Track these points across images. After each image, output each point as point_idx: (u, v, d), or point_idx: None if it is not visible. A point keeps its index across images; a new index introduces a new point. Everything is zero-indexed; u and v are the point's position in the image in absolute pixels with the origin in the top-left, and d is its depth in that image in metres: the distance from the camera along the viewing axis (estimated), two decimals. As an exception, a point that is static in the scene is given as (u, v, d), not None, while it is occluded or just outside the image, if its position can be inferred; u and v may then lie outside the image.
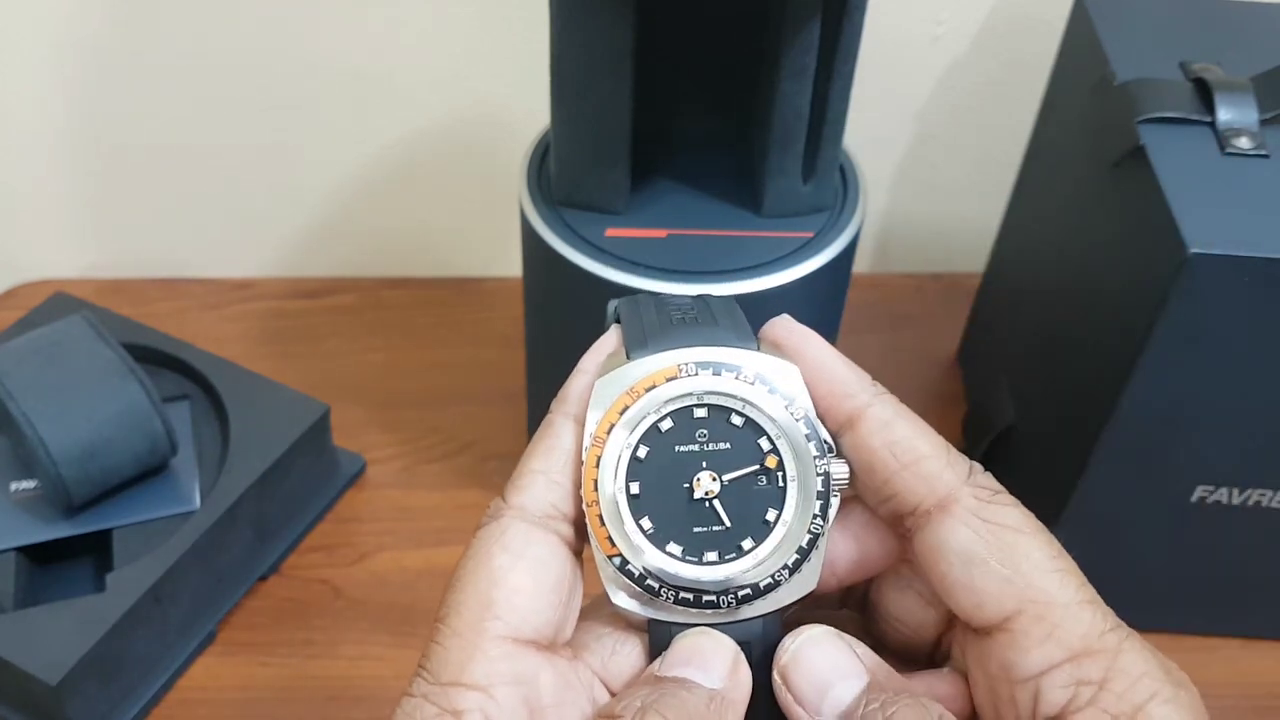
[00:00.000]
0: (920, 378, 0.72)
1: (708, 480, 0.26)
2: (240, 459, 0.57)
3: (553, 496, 0.26)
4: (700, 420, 0.27)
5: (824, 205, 0.53)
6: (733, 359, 0.27)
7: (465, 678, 0.24)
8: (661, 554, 0.26)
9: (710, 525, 0.26)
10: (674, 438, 0.26)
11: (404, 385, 0.70)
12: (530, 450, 0.27)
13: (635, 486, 0.26)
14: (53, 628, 0.49)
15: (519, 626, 0.25)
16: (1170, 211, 0.44)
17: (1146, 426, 0.48)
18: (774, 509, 0.26)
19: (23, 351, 0.55)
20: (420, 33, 0.68)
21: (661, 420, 0.26)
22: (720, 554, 0.26)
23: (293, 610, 0.58)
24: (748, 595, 0.26)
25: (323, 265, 0.78)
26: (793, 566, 0.26)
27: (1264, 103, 0.48)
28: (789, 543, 0.26)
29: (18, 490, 0.56)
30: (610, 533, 0.26)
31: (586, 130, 0.50)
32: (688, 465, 0.26)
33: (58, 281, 0.75)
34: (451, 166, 0.74)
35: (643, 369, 0.26)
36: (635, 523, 0.26)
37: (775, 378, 0.27)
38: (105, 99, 0.70)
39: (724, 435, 0.27)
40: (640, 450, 0.26)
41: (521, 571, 0.25)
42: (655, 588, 0.26)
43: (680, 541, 0.26)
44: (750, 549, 0.26)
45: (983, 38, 0.70)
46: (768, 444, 0.27)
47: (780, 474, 0.26)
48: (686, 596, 0.26)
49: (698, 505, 0.26)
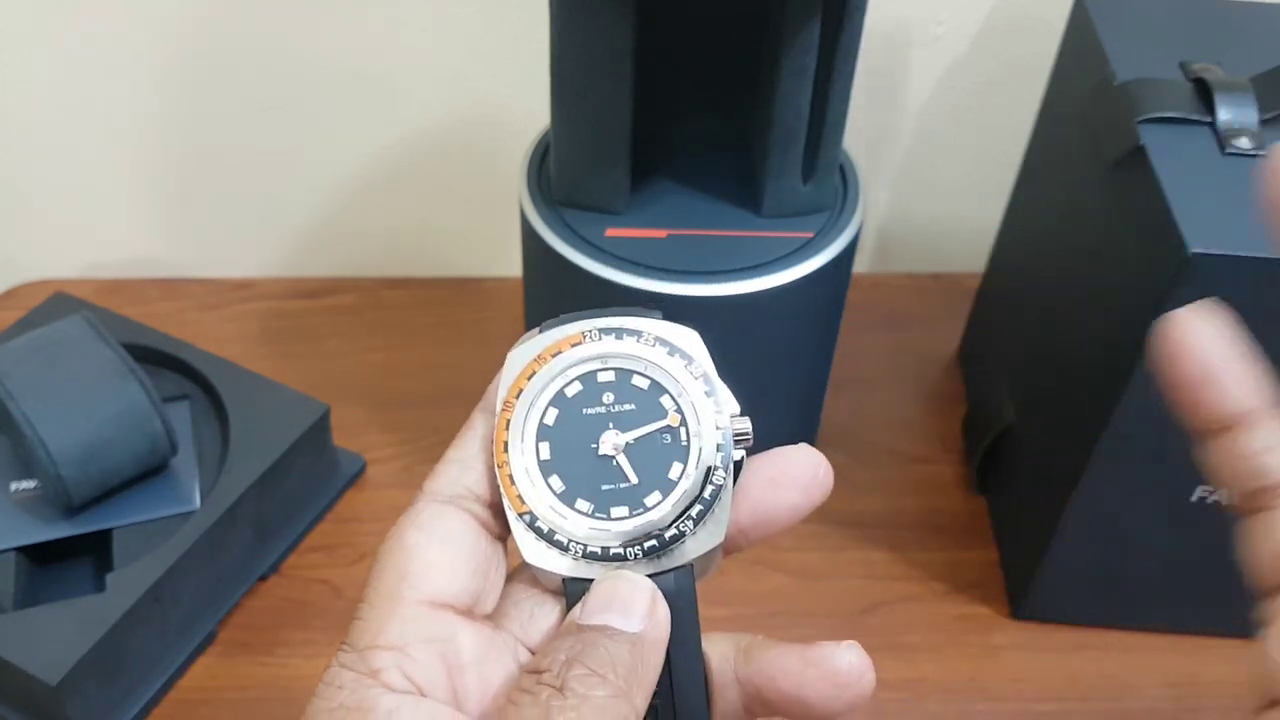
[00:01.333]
0: (920, 378, 0.72)
1: (613, 438, 0.27)
2: (240, 459, 0.57)
3: (466, 479, 0.27)
4: (606, 385, 0.28)
5: (824, 205, 0.53)
6: (635, 325, 0.28)
7: (381, 639, 0.25)
8: (571, 510, 0.27)
9: (617, 483, 0.27)
10: (581, 401, 0.28)
11: (404, 385, 0.70)
12: (450, 445, 0.28)
13: (545, 449, 0.27)
14: (53, 628, 0.49)
15: (434, 593, 0.26)
16: (1170, 211, 0.44)
17: (1146, 426, 0.48)
18: (679, 464, 0.27)
19: (23, 351, 0.55)
20: (420, 33, 0.68)
21: (569, 385, 0.28)
22: (629, 509, 0.27)
23: (293, 610, 0.58)
24: (654, 547, 0.27)
25: (323, 265, 0.78)
26: (697, 518, 0.27)
27: (1264, 103, 0.48)
28: (692, 496, 0.27)
29: (18, 490, 0.56)
30: (520, 491, 0.27)
31: (586, 130, 0.50)
32: (595, 426, 0.27)
33: (58, 281, 0.75)
34: (451, 166, 0.74)
35: (549, 338, 0.28)
36: (545, 481, 0.27)
37: (676, 340, 0.28)
38: (105, 99, 0.70)
39: (629, 397, 0.28)
40: (549, 414, 0.27)
41: (434, 545, 0.26)
42: (564, 543, 0.27)
43: (589, 499, 0.27)
44: (655, 504, 0.27)
45: (983, 38, 0.70)
46: (670, 403, 0.27)
47: (684, 430, 0.27)
48: (594, 550, 0.27)
49: (605, 463, 0.27)
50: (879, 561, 0.60)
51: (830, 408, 0.63)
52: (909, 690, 0.55)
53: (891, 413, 0.69)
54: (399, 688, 0.25)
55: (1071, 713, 0.55)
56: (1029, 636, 0.57)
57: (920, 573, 0.60)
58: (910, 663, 0.56)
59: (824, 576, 0.59)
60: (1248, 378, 0.26)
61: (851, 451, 0.66)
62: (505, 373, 0.28)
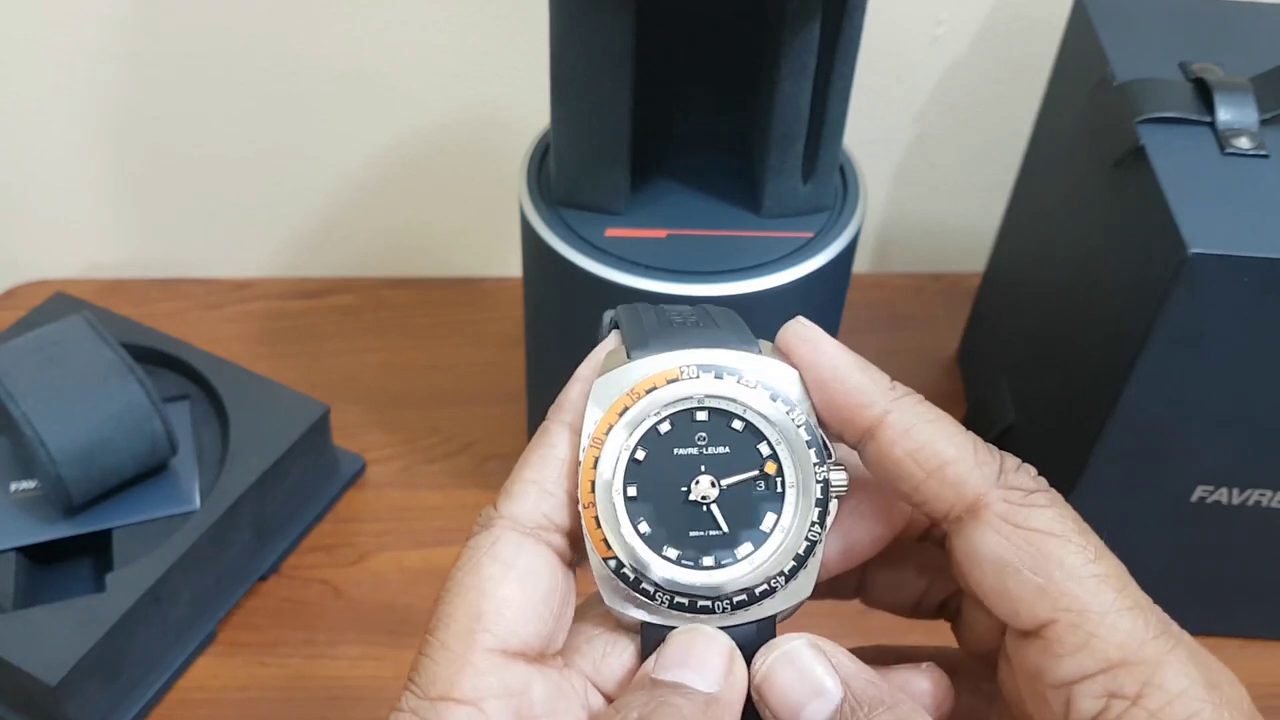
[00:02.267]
0: (920, 378, 0.72)
1: (706, 484, 0.26)
2: (240, 459, 0.57)
3: (545, 507, 0.26)
4: (700, 423, 0.26)
5: (824, 205, 0.53)
6: (734, 362, 0.26)
7: (455, 692, 0.24)
8: (658, 558, 0.26)
9: (707, 529, 0.26)
10: (673, 440, 0.26)
11: (404, 385, 0.70)
12: (525, 458, 0.26)
13: (633, 489, 0.26)
14: (53, 628, 0.49)
15: (508, 638, 0.25)
16: (1170, 211, 0.44)
17: (1146, 426, 0.48)
18: (772, 515, 0.26)
19: (23, 352, 0.55)
20: (420, 33, 0.68)
21: (661, 423, 0.26)
22: (717, 559, 0.26)
23: (293, 610, 0.58)
24: (743, 601, 0.26)
25: (323, 265, 0.78)
26: (789, 574, 0.26)
27: (1264, 103, 0.48)
28: (786, 550, 0.26)
29: (18, 490, 0.56)
30: (606, 535, 0.26)
31: (586, 130, 0.50)
32: (686, 468, 0.26)
33: (58, 281, 0.75)
34: (451, 166, 0.74)
35: (643, 370, 0.26)
36: (632, 525, 0.26)
37: (777, 382, 0.26)
38: (105, 99, 0.70)
39: (724, 439, 0.26)
40: (639, 452, 0.26)
41: (512, 583, 0.25)
42: (650, 591, 0.26)
43: (677, 545, 0.26)
44: (747, 555, 0.26)
45: (982, 38, 0.70)
46: (767, 449, 0.26)
47: (779, 480, 0.26)
48: (681, 601, 0.26)
49: (695, 509, 0.26)
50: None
51: (830, 408, 0.62)
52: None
53: (891, 413, 0.69)
54: None
55: (1071, 713, 0.55)
56: (1029, 636, 0.57)
57: (920, 573, 0.60)
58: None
59: (824, 576, 0.59)
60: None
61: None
62: (592, 399, 0.26)
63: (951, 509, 0.25)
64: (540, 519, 0.26)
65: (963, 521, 0.25)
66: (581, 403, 0.26)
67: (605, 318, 0.29)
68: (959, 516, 0.25)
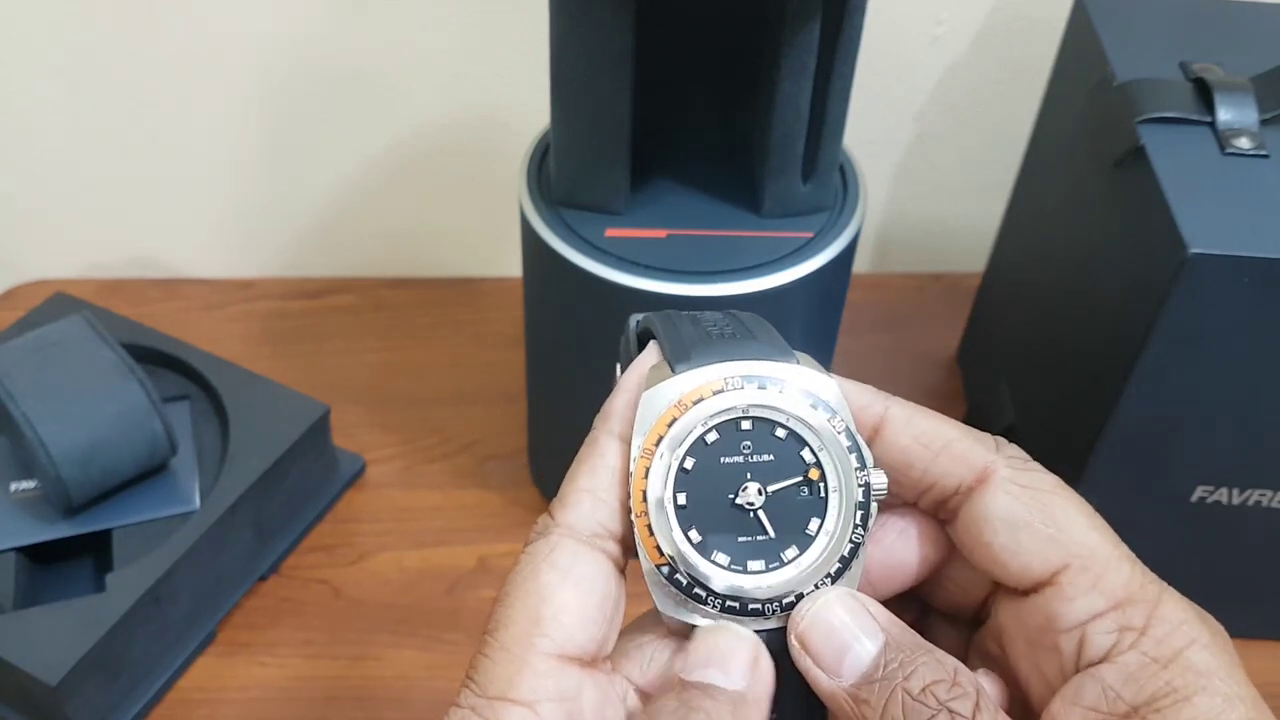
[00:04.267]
0: (920, 378, 0.72)
1: (753, 491, 0.27)
2: (240, 459, 0.57)
3: (600, 515, 0.27)
4: (745, 432, 0.27)
5: (824, 205, 0.53)
6: (776, 373, 0.27)
7: (512, 693, 0.25)
8: (709, 563, 0.27)
9: (755, 535, 0.27)
10: (719, 450, 0.27)
11: (404, 385, 0.70)
12: (576, 468, 0.27)
13: (683, 497, 0.27)
14: (53, 628, 0.49)
15: (564, 644, 0.26)
16: (1170, 211, 0.44)
17: (1146, 426, 0.48)
18: (816, 519, 0.27)
19: (23, 352, 0.55)
20: (420, 33, 0.68)
21: (708, 433, 0.27)
22: (765, 563, 0.27)
23: (292, 610, 0.58)
24: (791, 603, 0.27)
25: (322, 265, 0.78)
26: (834, 575, 0.27)
27: (1264, 103, 0.48)
28: (832, 552, 0.27)
29: (18, 490, 0.56)
30: (659, 542, 0.26)
31: (586, 130, 0.50)
32: (733, 476, 0.27)
33: (57, 281, 0.75)
34: (451, 166, 0.74)
35: (689, 383, 0.27)
36: (683, 533, 0.27)
37: (817, 391, 0.27)
38: (105, 99, 0.70)
39: (768, 447, 0.27)
40: (687, 462, 0.27)
41: (569, 589, 0.26)
42: (703, 596, 0.27)
43: (726, 551, 0.27)
44: (794, 558, 0.27)
45: (982, 38, 0.70)
46: (810, 456, 0.27)
47: (822, 485, 0.27)
48: (733, 605, 0.27)
49: (742, 515, 0.27)
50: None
51: (830, 408, 0.63)
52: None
53: (891, 413, 0.69)
54: None
55: (1071, 713, 0.55)
56: (1029, 636, 0.57)
57: (920, 573, 0.60)
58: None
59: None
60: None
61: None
62: (640, 414, 0.27)
63: (962, 481, 0.27)
64: (596, 527, 0.27)
65: (973, 490, 0.27)
66: (629, 413, 0.27)
67: (632, 323, 0.30)
68: (970, 487, 0.27)
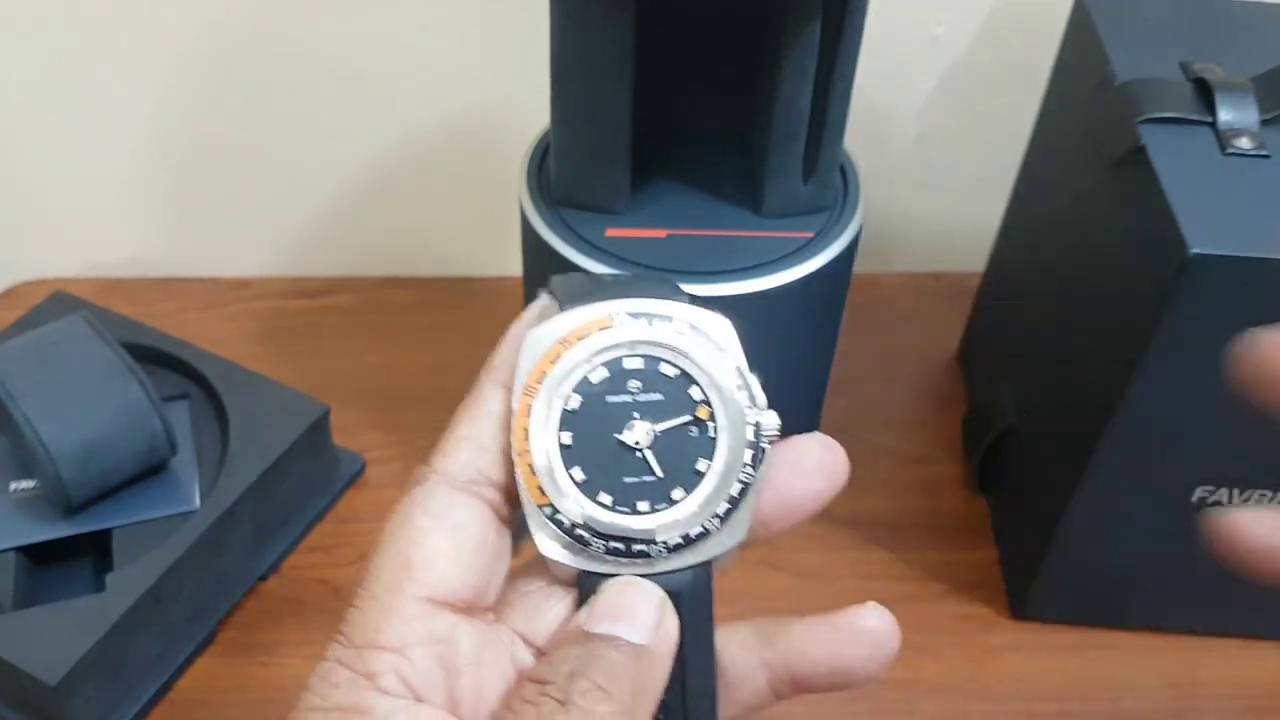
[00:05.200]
0: (920, 378, 0.72)
1: (640, 431, 0.26)
2: (240, 459, 0.57)
3: (479, 462, 0.26)
4: (633, 371, 0.27)
5: (824, 205, 0.53)
6: (665, 310, 0.27)
7: (380, 639, 0.25)
8: (593, 503, 0.26)
9: (641, 475, 0.26)
10: (606, 388, 0.26)
11: (404, 385, 0.70)
12: (457, 416, 0.27)
13: (567, 436, 0.26)
14: (52, 628, 0.49)
15: (436, 587, 0.25)
16: (1171, 211, 0.44)
17: (1147, 427, 0.48)
18: (705, 459, 0.26)
19: (22, 351, 0.55)
20: (420, 33, 0.68)
21: (593, 371, 0.26)
22: (651, 504, 0.26)
23: (292, 610, 0.58)
24: (679, 545, 0.26)
25: (322, 265, 0.78)
26: (723, 516, 0.26)
27: (1264, 103, 0.48)
28: (719, 493, 0.26)
29: (17, 490, 0.56)
30: (541, 482, 0.26)
31: (586, 130, 0.50)
32: (620, 415, 0.26)
33: (57, 281, 0.75)
34: (451, 166, 0.74)
35: (575, 320, 0.26)
36: (566, 472, 0.26)
37: (707, 328, 0.27)
38: (104, 99, 0.70)
39: (656, 385, 0.27)
40: (572, 401, 0.26)
41: (442, 535, 0.25)
42: (585, 538, 0.26)
43: (611, 491, 0.26)
44: (681, 499, 0.26)
45: (983, 38, 0.70)
46: (699, 394, 0.27)
47: (712, 424, 0.26)
48: (617, 546, 0.26)
49: (629, 455, 0.26)
50: (879, 561, 0.60)
51: (830, 407, 0.63)
52: (909, 690, 0.55)
53: (892, 413, 0.69)
54: (395, 692, 0.24)
55: (1071, 713, 0.55)
56: (1029, 637, 0.57)
57: (920, 573, 0.60)
58: (910, 663, 0.56)
59: (824, 577, 0.59)
60: None
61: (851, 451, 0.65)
62: (524, 351, 0.27)
63: None
64: (473, 473, 0.26)
65: None
66: (513, 359, 0.27)
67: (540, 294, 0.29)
68: None
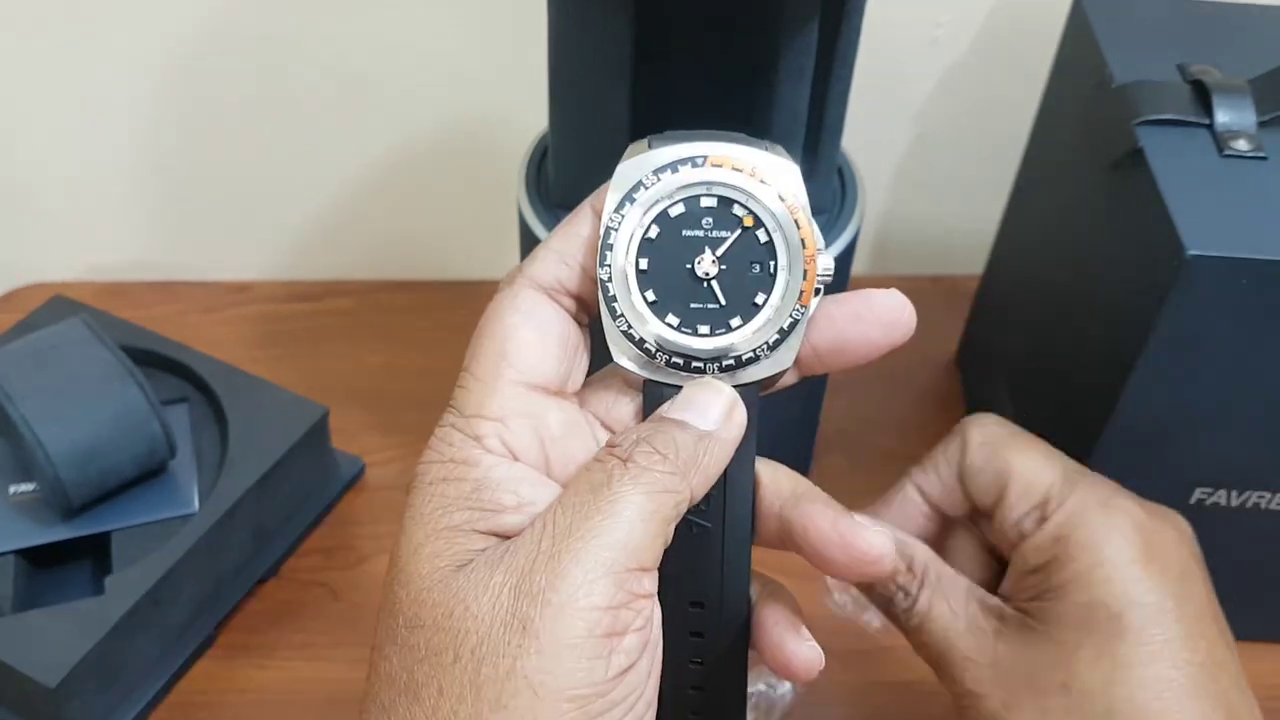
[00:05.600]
0: (919, 379, 0.72)
1: (708, 262, 0.30)
2: (239, 461, 0.57)
3: (561, 274, 0.30)
4: (707, 209, 0.30)
5: (823, 207, 0.53)
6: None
7: (485, 411, 0.30)
8: (660, 323, 0.30)
9: (706, 303, 0.30)
10: (682, 223, 0.30)
11: (403, 388, 0.70)
12: (552, 233, 0.31)
13: (644, 262, 0.30)
14: (51, 630, 0.49)
15: (528, 373, 0.30)
16: (1168, 213, 0.44)
17: (1145, 428, 0.48)
18: (763, 293, 0.30)
19: (21, 354, 0.55)
20: (420, 34, 0.68)
21: (673, 205, 0.30)
22: (711, 328, 0.30)
23: (292, 613, 0.58)
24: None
25: (321, 268, 0.78)
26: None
27: (1262, 105, 0.48)
28: (771, 325, 0.30)
29: (16, 493, 0.56)
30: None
31: (585, 132, 0.50)
32: (692, 248, 0.30)
33: (56, 284, 0.75)
34: (450, 169, 0.74)
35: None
36: (640, 294, 0.30)
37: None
38: (104, 102, 0.70)
39: (727, 224, 0.30)
40: (651, 231, 0.30)
41: (530, 329, 0.30)
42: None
43: (678, 314, 0.30)
44: (738, 326, 0.30)
45: (981, 39, 0.70)
46: (765, 236, 0.30)
47: (773, 263, 0.30)
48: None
49: (698, 284, 0.30)
50: (878, 563, 0.60)
51: (829, 409, 0.63)
52: (906, 692, 0.55)
53: (890, 415, 0.69)
54: (497, 451, 0.29)
55: (1071, 715, 0.55)
56: (1028, 638, 0.57)
57: (919, 575, 0.60)
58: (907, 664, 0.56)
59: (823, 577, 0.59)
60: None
61: (850, 453, 0.66)
62: (614, 183, 0.30)
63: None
64: (554, 282, 0.30)
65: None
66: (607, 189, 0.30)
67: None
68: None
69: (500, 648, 0.26)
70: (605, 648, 0.27)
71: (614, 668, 0.27)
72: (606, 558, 0.27)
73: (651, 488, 0.28)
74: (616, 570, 0.27)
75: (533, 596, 0.26)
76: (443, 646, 0.27)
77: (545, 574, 0.26)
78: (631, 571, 0.27)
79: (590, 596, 0.26)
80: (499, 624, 0.26)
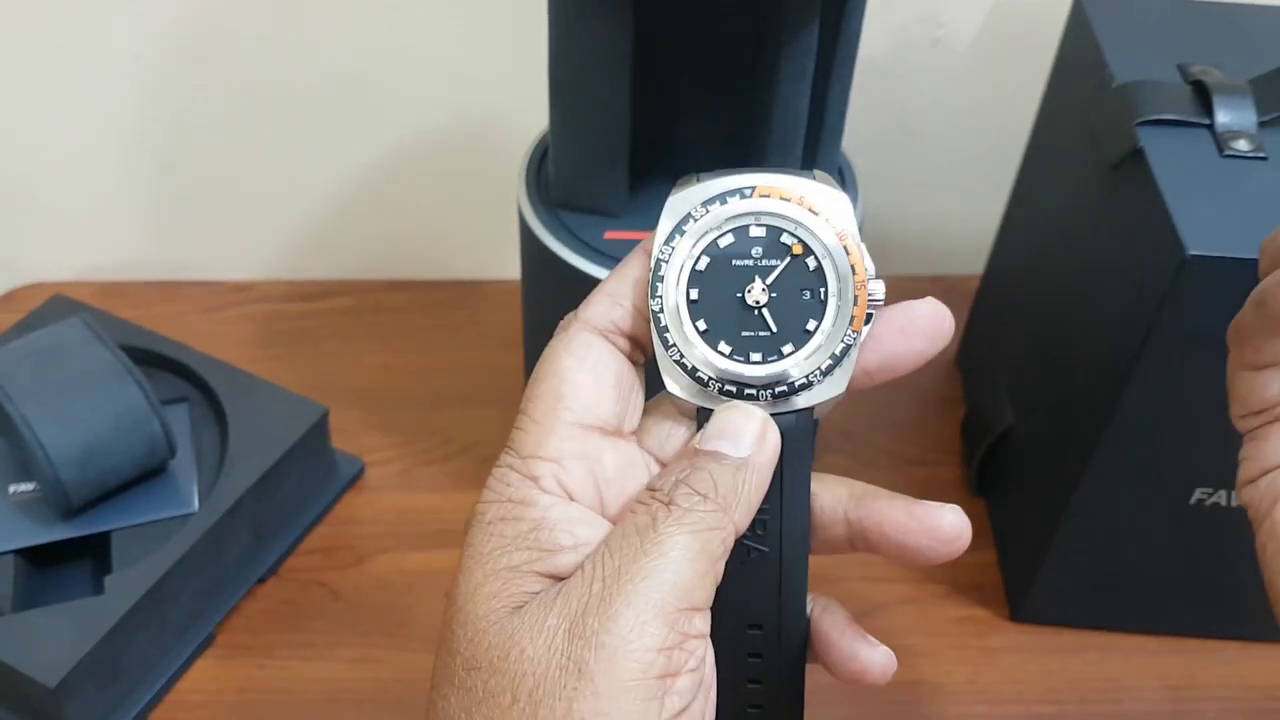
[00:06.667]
0: (919, 380, 0.71)
1: (759, 290, 0.30)
2: (239, 461, 0.57)
3: (615, 315, 0.31)
4: (756, 239, 0.30)
5: (823, 207, 0.53)
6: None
7: (541, 452, 0.30)
8: (712, 351, 0.30)
9: (757, 330, 0.30)
10: (732, 252, 0.30)
11: (403, 388, 0.70)
12: (606, 278, 0.32)
13: (695, 292, 0.30)
14: (51, 630, 0.49)
15: (583, 414, 0.30)
16: (1169, 213, 0.44)
17: (1145, 428, 0.48)
18: (815, 320, 0.30)
19: (21, 354, 0.55)
20: (420, 33, 0.68)
21: (722, 236, 0.30)
22: (764, 355, 0.30)
23: (291, 613, 0.58)
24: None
25: (321, 268, 0.78)
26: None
27: (1262, 105, 0.48)
28: (824, 351, 0.30)
29: (16, 492, 0.56)
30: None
31: (585, 132, 0.50)
32: (742, 277, 0.30)
33: (56, 284, 0.75)
34: (450, 168, 0.74)
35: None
36: (692, 324, 0.30)
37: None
38: (104, 101, 0.70)
39: (776, 253, 0.30)
40: (701, 262, 0.30)
41: (585, 371, 0.30)
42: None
43: (730, 342, 0.30)
44: (790, 353, 0.30)
45: (982, 40, 0.70)
46: (814, 263, 0.30)
47: (823, 290, 0.30)
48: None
49: (748, 312, 0.30)
50: (878, 563, 0.60)
51: (829, 410, 0.63)
52: (908, 693, 0.55)
53: (890, 415, 0.69)
54: (554, 492, 0.30)
55: (1070, 715, 0.55)
56: (1028, 639, 0.57)
57: (919, 575, 0.60)
58: (909, 665, 0.56)
59: (824, 579, 0.59)
60: None
61: (850, 454, 0.66)
62: (663, 217, 0.30)
63: None
64: (609, 324, 0.31)
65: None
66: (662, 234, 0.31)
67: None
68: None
69: (556, 690, 0.27)
70: (659, 689, 0.27)
71: (668, 709, 0.27)
72: (657, 599, 0.27)
73: (696, 527, 0.28)
74: (667, 611, 0.27)
75: (586, 639, 0.27)
76: (500, 689, 0.27)
77: (597, 616, 0.27)
78: (683, 612, 0.27)
79: (643, 638, 0.27)
80: (555, 666, 0.27)
